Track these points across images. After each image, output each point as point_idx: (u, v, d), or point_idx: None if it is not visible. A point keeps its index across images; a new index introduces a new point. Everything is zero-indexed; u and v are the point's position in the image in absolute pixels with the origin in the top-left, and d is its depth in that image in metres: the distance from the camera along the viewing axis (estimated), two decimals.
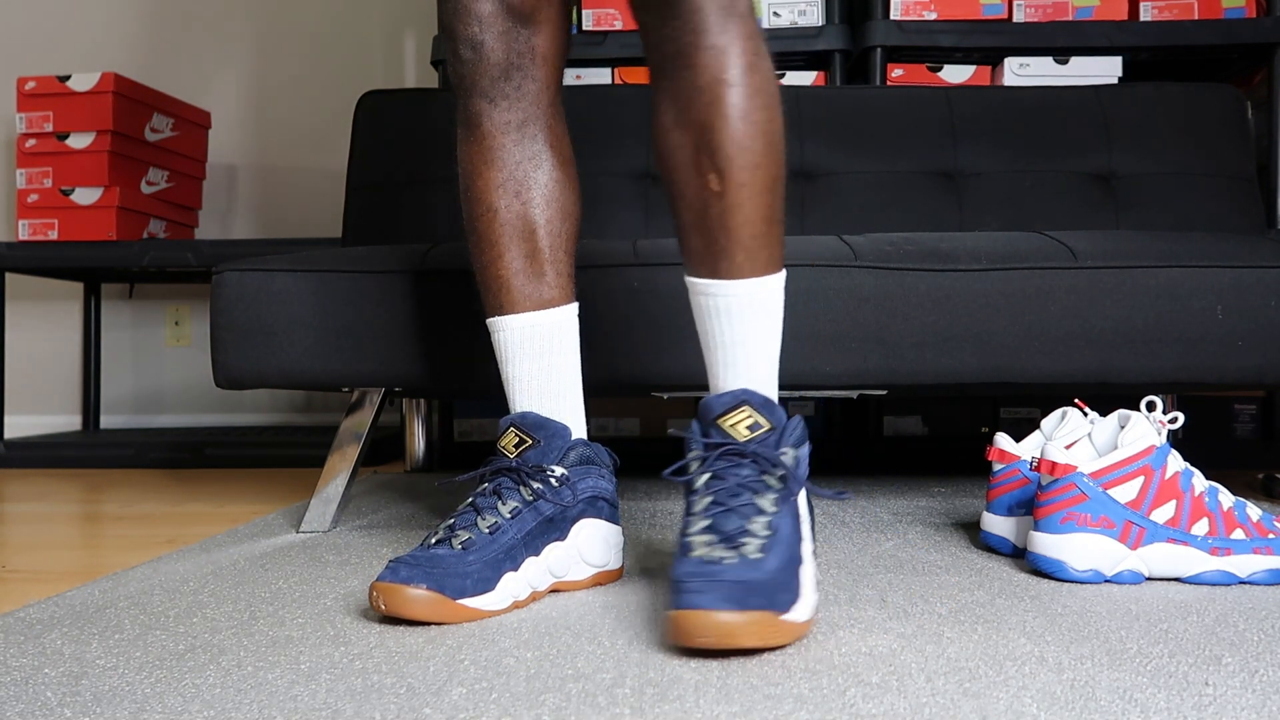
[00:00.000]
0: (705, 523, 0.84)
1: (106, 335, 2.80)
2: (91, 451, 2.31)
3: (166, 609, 0.95)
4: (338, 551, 1.22)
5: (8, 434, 2.74)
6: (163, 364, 2.80)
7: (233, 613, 0.93)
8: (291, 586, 1.03)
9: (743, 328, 0.94)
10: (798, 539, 0.85)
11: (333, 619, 0.90)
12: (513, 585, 0.92)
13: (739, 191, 0.91)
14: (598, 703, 0.68)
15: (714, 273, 0.94)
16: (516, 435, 1.00)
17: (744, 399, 0.89)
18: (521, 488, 0.97)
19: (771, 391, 0.95)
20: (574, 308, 1.08)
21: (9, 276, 2.75)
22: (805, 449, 0.91)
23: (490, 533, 0.92)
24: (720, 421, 0.89)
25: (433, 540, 0.92)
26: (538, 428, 1.00)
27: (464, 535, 0.91)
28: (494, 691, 0.71)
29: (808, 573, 0.84)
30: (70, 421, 2.81)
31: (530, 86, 1.03)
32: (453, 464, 2.15)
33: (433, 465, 2.12)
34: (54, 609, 0.95)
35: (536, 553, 0.95)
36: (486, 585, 0.89)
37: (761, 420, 0.89)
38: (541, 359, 1.04)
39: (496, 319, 1.05)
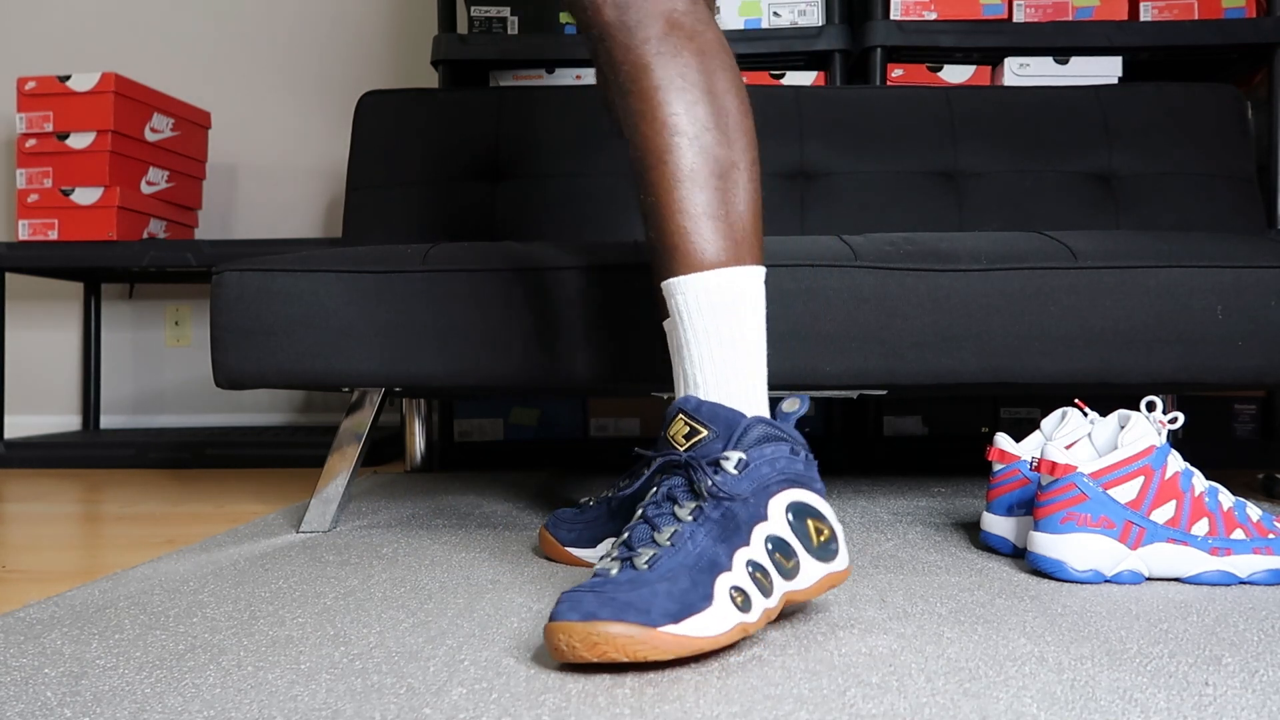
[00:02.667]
0: (624, 536, 0.81)
1: (106, 335, 2.80)
2: (91, 451, 2.31)
3: (166, 609, 0.94)
4: (338, 551, 1.22)
5: (8, 434, 2.74)
6: (163, 364, 2.80)
7: (233, 613, 0.93)
8: (291, 586, 1.03)
9: (689, 331, 0.89)
10: (712, 548, 0.78)
11: (333, 619, 0.90)
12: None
13: (652, 189, 0.90)
14: (598, 703, 0.68)
15: (657, 276, 0.92)
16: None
17: (680, 407, 0.86)
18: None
19: (728, 394, 0.88)
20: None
21: (9, 276, 2.75)
22: (770, 447, 0.84)
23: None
24: (668, 433, 0.86)
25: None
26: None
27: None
28: (494, 691, 0.71)
29: (721, 590, 0.76)
30: (70, 421, 2.81)
31: None
32: (453, 464, 2.15)
33: (433, 465, 2.12)
34: (54, 609, 0.95)
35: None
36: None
37: (697, 426, 0.84)
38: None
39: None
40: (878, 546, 1.22)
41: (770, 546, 0.81)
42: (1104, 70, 2.11)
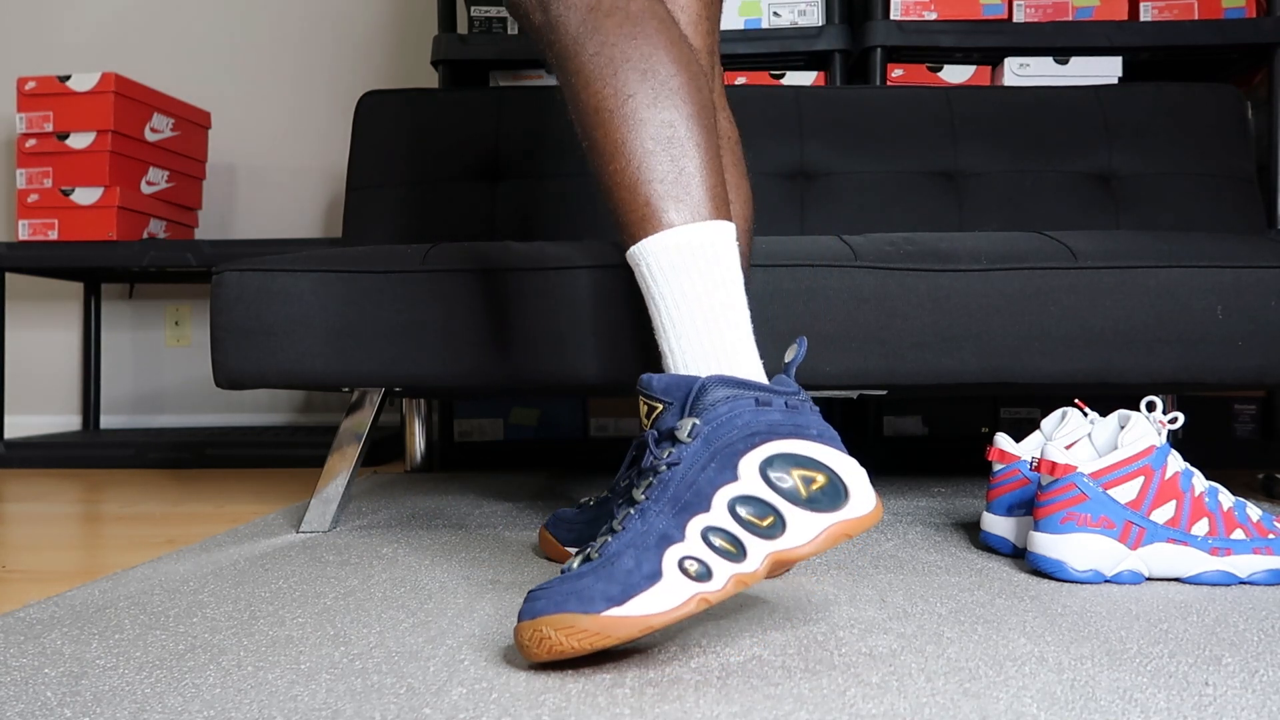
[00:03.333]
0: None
1: (106, 335, 2.80)
2: (91, 451, 2.31)
3: (166, 609, 0.95)
4: (338, 551, 1.22)
5: (8, 434, 2.74)
6: (163, 364, 2.80)
7: (233, 613, 0.93)
8: (291, 586, 1.03)
9: (650, 302, 0.86)
10: (662, 523, 0.75)
11: (333, 619, 0.90)
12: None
13: (596, 173, 0.88)
14: (598, 703, 0.68)
15: (623, 243, 0.89)
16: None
17: (637, 390, 0.82)
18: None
19: (705, 357, 0.83)
20: None
21: (9, 276, 2.75)
22: (728, 406, 0.79)
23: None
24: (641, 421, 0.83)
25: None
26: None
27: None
28: (494, 691, 0.71)
29: (670, 563, 0.74)
30: (70, 421, 2.81)
31: None
32: (453, 464, 2.15)
33: (433, 465, 2.12)
34: (54, 609, 0.95)
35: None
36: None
37: (653, 402, 0.81)
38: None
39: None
40: (878, 546, 1.22)
41: (737, 508, 0.76)
42: (1104, 70, 2.11)
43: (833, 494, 0.79)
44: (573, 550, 1.13)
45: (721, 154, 0.97)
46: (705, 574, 0.74)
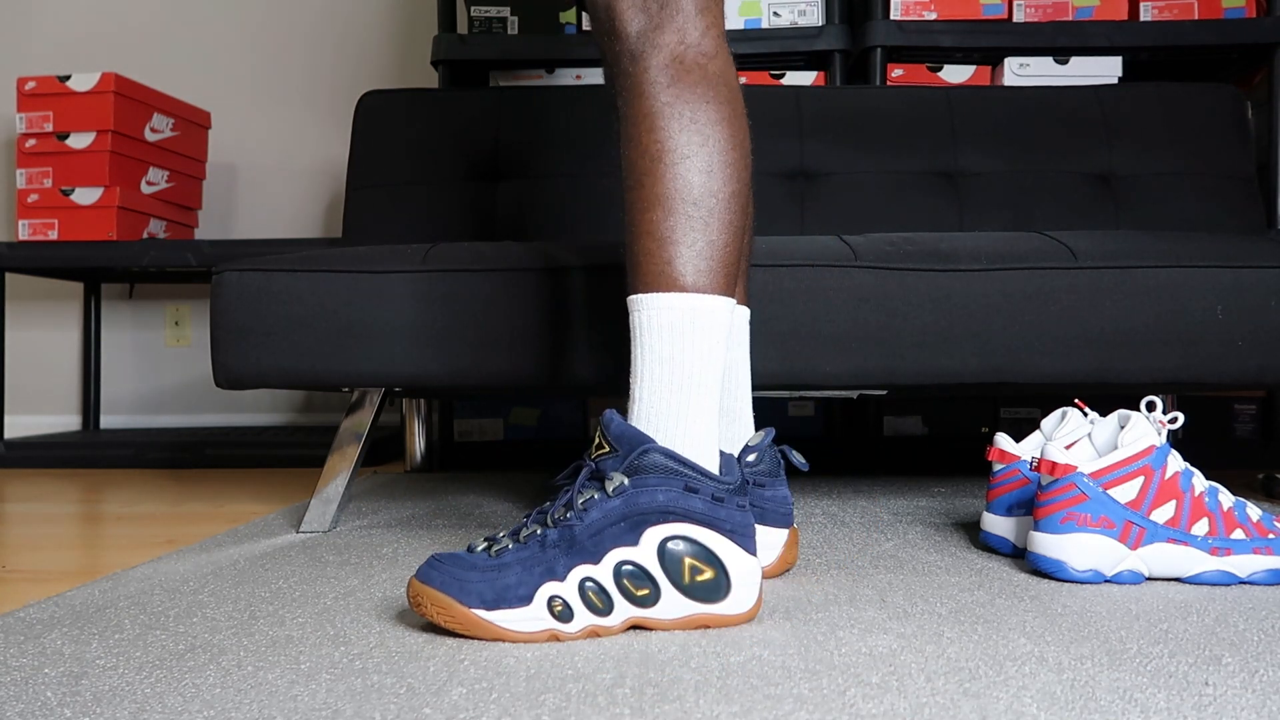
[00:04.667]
0: (514, 528, 0.87)
1: (106, 335, 2.80)
2: (91, 451, 2.31)
3: (166, 609, 0.95)
4: (338, 551, 1.22)
5: (8, 434, 2.75)
6: (163, 364, 2.80)
7: (233, 613, 0.93)
8: (291, 586, 1.03)
9: (635, 349, 0.90)
10: (553, 557, 0.83)
11: (333, 619, 0.90)
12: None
13: (629, 208, 0.92)
14: (598, 703, 0.68)
15: (627, 291, 0.93)
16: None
17: (601, 421, 0.88)
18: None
19: (659, 418, 0.88)
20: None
21: (9, 276, 2.75)
22: (659, 479, 0.85)
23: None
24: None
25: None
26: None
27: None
28: (494, 691, 0.71)
29: (547, 590, 0.82)
30: (70, 421, 2.81)
31: None
32: (453, 464, 2.15)
33: (433, 465, 2.12)
34: (54, 609, 0.95)
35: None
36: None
37: (605, 443, 0.87)
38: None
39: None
40: (878, 546, 1.22)
41: (621, 571, 0.84)
42: (1104, 70, 2.11)
43: (713, 588, 0.86)
44: None
45: None
46: (567, 616, 0.83)
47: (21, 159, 2.40)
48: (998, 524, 1.17)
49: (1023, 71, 2.11)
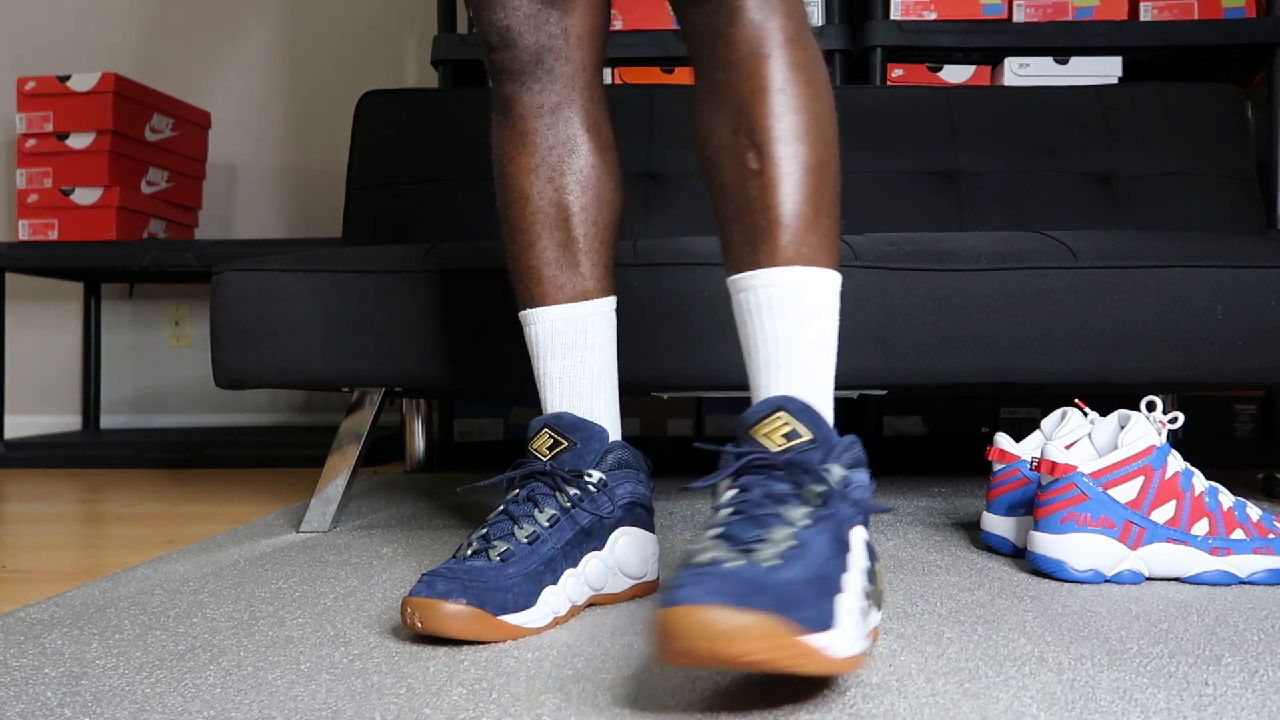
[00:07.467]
0: (717, 531, 0.71)
1: (106, 335, 2.80)
2: (91, 451, 2.31)
3: (166, 609, 0.95)
4: (338, 551, 1.22)
5: (8, 434, 2.74)
6: (163, 364, 2.80)
7: (233, 613, 0.93)
8: (291, 586, 1.03)
9: (785, 325, 0.83)
10: (835, 563, 0.70)
11: (333, 619, 0.90)
12: (553, 600, 0.87)
13: (778, 167, 0.84)
14: (598, 703, 0.68)
15: (754, 262, 0.84)
16: (551, 437, 0.94)
17: (780, 405, 0.78)
18: (558, 494, 0.92)
19: (820, 403, 0.83)
20: (611, 301, 1.02)
21: (9, 276, 2.75)
22: (861, 474, 0.78)
23: (529, 543, 0.87)
24: (754, 431, 0.78)
25: (468, 551, 0.87)
26: (573, 429, 0.94)
27: (501, 546, 0.86)
28: (494, 691, 0.71)
29: (848, 606, 0.68)
30: (70, 421, 2.81)
31: (564, 69, 1.00)
32: (453, 464, 2.15)
33: (433, 465, 2.12)
34: (54, 609, 0.95)
35: (575, 564, 0.90)
36: (528, 600, 0.84)
37: (801, 429, 0.77)
38: (575, 354, 0.99)
39: (528, 312, 1.02)
40: (878, 546, 1.22)
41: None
42: (1104, 70, 2.11)
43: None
44: None
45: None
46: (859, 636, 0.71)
47: (21, 159, 2.40)
48: (998, 524, 1.17)
49: (1023, 71, 2.11)
